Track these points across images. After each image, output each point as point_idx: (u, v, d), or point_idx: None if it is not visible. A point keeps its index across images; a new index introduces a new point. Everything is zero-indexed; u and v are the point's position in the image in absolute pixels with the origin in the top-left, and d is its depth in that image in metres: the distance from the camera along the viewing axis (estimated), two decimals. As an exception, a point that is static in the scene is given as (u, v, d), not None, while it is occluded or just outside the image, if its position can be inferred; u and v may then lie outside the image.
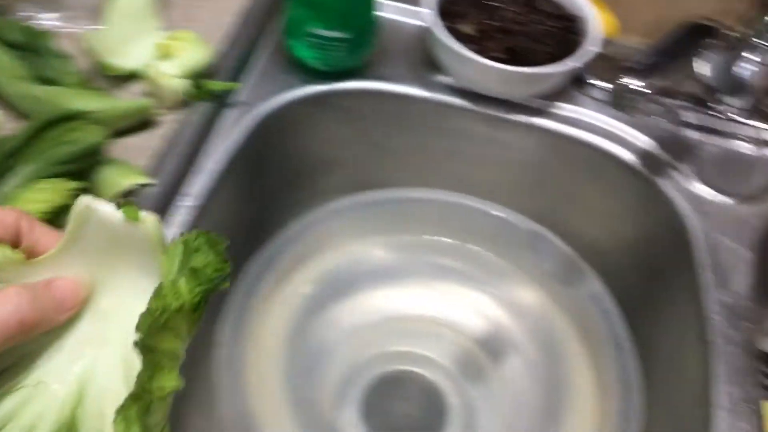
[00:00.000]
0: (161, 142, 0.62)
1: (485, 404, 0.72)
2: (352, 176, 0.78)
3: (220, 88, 0.66)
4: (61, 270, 0.36)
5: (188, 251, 0.35)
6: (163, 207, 0.59)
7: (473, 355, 0.75)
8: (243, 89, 0.69)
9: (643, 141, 0.71)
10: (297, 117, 0.71)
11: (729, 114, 0.72)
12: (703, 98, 0.72)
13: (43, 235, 0.37)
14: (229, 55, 0.70)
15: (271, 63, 0.72)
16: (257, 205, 0.73)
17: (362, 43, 0.69)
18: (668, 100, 0.72)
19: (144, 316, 0.33)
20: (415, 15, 0.72)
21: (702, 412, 0.57)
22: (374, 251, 0.76)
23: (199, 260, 0.35)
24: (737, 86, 0.69)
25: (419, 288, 0.76)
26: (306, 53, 0.69)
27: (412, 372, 0.74)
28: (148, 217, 0.36)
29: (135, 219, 0.35)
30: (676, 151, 0.71)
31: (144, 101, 0.62)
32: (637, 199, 0.71)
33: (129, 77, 0.66)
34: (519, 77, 0.67)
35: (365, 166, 0.78)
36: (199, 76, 0.66)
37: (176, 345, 0.34)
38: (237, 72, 0.70)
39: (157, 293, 0.33)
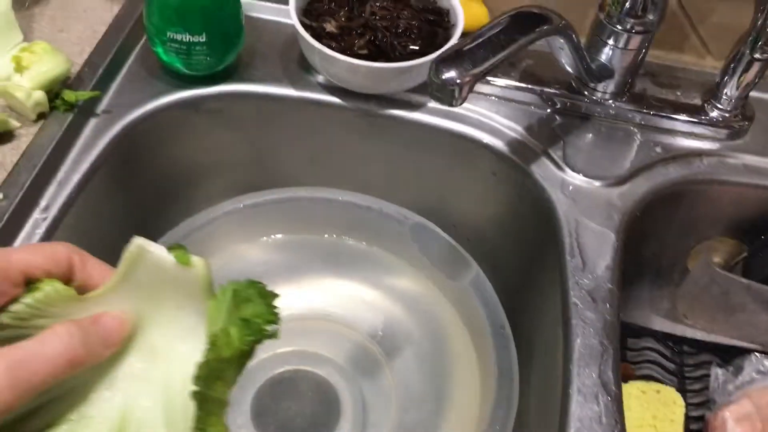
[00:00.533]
0: (17, 156, 0.62)
1: (377, 398, 0.72)
2: (235, 180, 0.77)
3: (79, 98, 0.65)
4: (109, 307, 0.37)
5: (237, 300, 0.37)
6: (16, 220, 0.59)
7: (365, 349, 0.75)
8: (110, 98, 0.69)
9: (514, 129, 0.72)
10: (169, 124, 0.71)
11: (596, 98, 0.72)
12: (572, 84, 0.73)
13: (95, 270, 0.38)
14: (96, 64, 0.70)
15: (141, 70, 0.72)
16: (135, 216, 0.73)
17: (226, 46, 0.69)
18: (537, 87, 0.73)
19: (203, 367, 0.34)
20: (286, 13, 0.72)
21: (562, 396, 0.57)
22: (258, 253, 0.76)
23: (249, 310, 0.36)
24: (600, 71, 0.70)
25: (307, 286, 0.77)
26: (170, 59, 0.69)
27: (304, 371, 0.74)
28: (198, 262, 0.37)
29: (185, 263, 0.37)
30: (547, 137, 0.71)
31: (-6, 115, 0.62)
32: (512, 187, 0.72)
33: (-11, 92, 0.66)
34: (383, 72, 0.68)
35: (246, 169, 0.78)
36: (59, 86, 0.66)
37: (225, 392, 0.36)
38: (105, 81, 0.70)
39: (213, 344, 0.35)
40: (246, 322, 0.36)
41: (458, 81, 0.50)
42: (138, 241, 0.38)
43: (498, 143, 0.71)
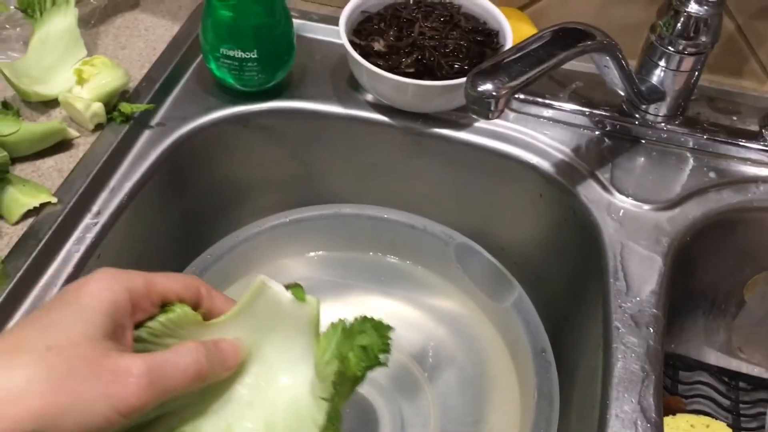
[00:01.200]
0: (74, 163, 0.65)
1: (416, 418, 0.71)
2: (282, 196, 0.79)
3: (135, 111, 0.68)
4: (228, 334, 0.42)
5: (352, 332, 0.41)
6: (68, 224, 0.61)
7: (405, 369, 0.74)
8: (164, 111, 0.71)
9: (562, 151, 0.71)
10: (219, 138, 0.73)
11: (647, 120, 0.71)
12: (623, 106, 0.72)
13: (218, 301, 0.44)
14: (153, 79, 0.73)
15: (195, 86, 0.74)
16: (184, 225, 0.75)
17: (277, 63, 0.71)
18: (586, 109, 0.72)
19: (336, 375, 0.39)
20: (338, 34, 0.73)
21: (599, 421, 0.56)
22: (302, 268, 0.77)
23: (366, 340, 0.41)
24: (651, 93, 0.69)
25: (349, 303, 0.77)
26: (223, 74, 0.71)
27: (343, 388, 0.74)
28: (312, 300, 0.42)
29: (302, 300, 0.42)
30: (595, 160, 0.70)
31: (55, 124, 0.65)
32: (558, 209, 0.71)
33: (53, 103, 0.69)
34: (429, 90, 0.68)
35: (293, 185, 0.79)
36: (117, 99, 0.69)
37: (341, 407, 0.41)
38: (160, 95, 0.72)
39: (340, 362, 0.40)
40: (363, 350, 0.40)
41: (494, 94, 0.50)
42: (261, 278, 0.41)
43: (545, 164, 0.70)
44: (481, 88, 0.50)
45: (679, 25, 0.65)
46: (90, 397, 0.34)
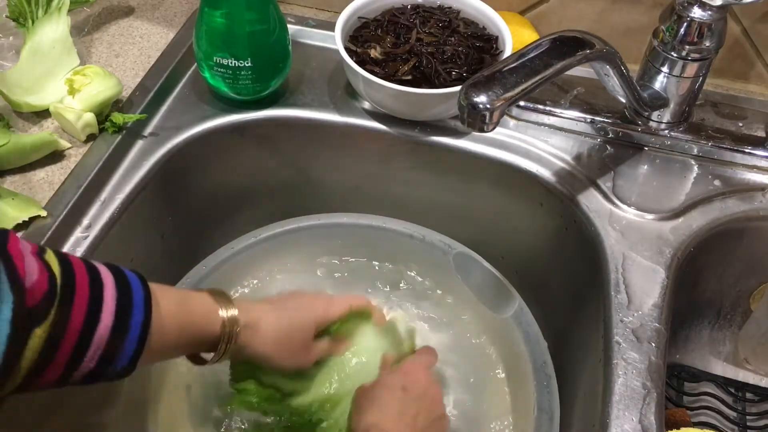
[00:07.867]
0: (65, 175, 0.64)
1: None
2: (278, 205, 0.78)
3: (127, 121, 0.67)
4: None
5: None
6: (57, 238, 0.60)
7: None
8: (157, 120, 0.70)
9: (563, 159, 0.70)
10: (213, 147, 0.72)
11: (650, 127, 0.69)
12: (626, 113, 0.70)
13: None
14: (147, 88, 0.72)
15: (190, 95, 0.73)
16: (178, 237, 0.74)
17: (272, 72, 0.70)
18: (588, 116, 0.71)
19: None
20: (335, 40, 0.72)
21: (600, 438, 0.54)
22: (299, 278, 0.76)
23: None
24: (653, 99, 0.67)
25: (347, 314, 0.75)
26: (217, 83, 0.69)
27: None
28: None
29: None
30: (597, 168, 0.69)
31: (46, 135, 0.64)
32: (559, 218, 0.69)
33: (45, 114, 0.68)
34: (425, 99, 0.67)
35: (290, 194, 0.78)
36: (110, 109, 0.68)
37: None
38: (154, 104, 0.71)
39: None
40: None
41: (488, 106, 0.48)
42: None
43: (546, 173, 0.69)
44: (475, 99, 0.48)
45: (682, 30, 0.63)
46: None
